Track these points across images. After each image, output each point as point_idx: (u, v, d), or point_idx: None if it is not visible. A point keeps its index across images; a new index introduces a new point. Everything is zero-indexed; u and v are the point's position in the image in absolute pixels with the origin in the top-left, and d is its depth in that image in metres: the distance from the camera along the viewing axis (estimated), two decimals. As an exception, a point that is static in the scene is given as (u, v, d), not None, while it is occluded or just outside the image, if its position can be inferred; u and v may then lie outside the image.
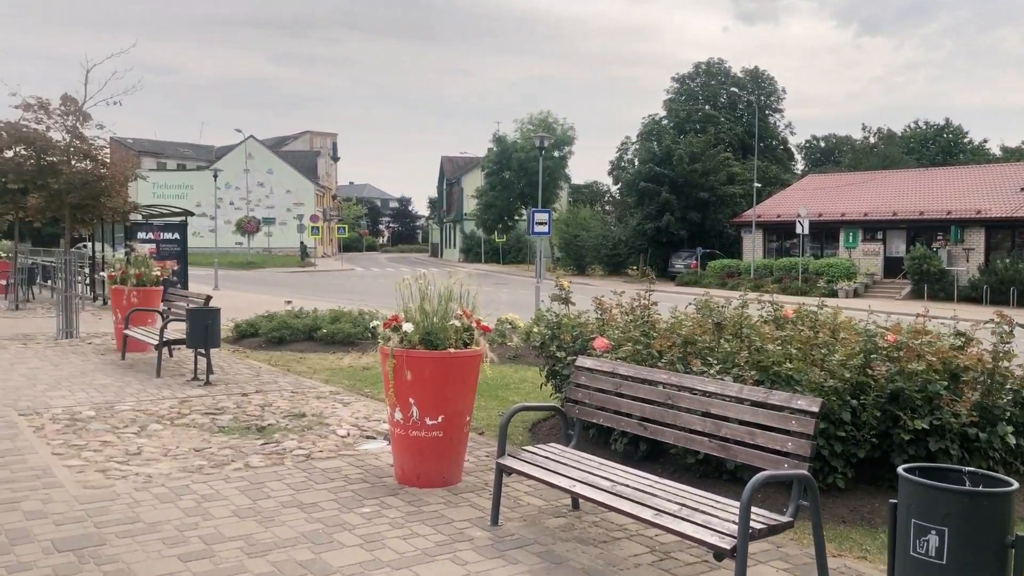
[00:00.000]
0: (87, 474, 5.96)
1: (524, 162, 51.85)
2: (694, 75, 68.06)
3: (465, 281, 5.98)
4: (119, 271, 12.70)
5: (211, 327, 9.69)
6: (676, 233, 43.42)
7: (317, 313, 14.49)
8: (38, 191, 14.49)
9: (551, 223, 19.49)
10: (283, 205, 70.12)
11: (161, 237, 21.67)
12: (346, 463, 6.42)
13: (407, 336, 5.64)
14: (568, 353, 7.08)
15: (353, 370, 11.08)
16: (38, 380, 9.70)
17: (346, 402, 8.88)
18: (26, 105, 14.43)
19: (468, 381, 5.85)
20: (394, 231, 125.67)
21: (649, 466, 6.30)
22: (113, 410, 8.16)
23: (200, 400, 8.80)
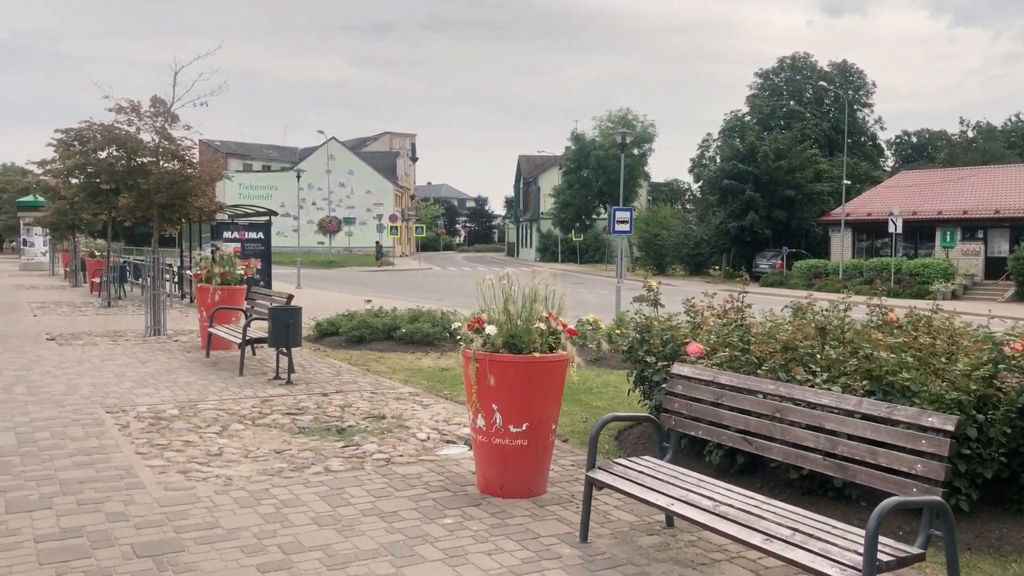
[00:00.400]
0: (169, 475, 5.90)
1: (603, 160, 51.27)
2: (778, 70, 66.18)
3: (550, 282, 5.68)
4: (204, 270, 12.87)
5: (293, 326, 9.66)
6: (760, 232, 42.20)
7: (396, 312, 14.43)
8: (129, 191, 14.84)
9: (632, 222, 19.04)
10: (363, 205, 71.19)
11: (246, 236, 22.08)
12: (426, 469, 6.21)
13: (490, 339, 5.38)
14: (658, 358, 6.71)
15: (432, 371, 10.93)
16: (125, 377, 9.84)
17: (425, 404, 8.70)
18: (119, 108, 14.79)
19: (553, 387, 5.55)
20: (470, 231, 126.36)
21: (746, 480, 5.90)
22: (196, 409, 8.17)
23: (281, 400, 8.75)
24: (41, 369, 10.27)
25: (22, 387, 9.04)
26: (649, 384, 6.92)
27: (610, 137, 52.29)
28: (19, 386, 9.10)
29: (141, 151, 14.69)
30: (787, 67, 66.21)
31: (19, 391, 8.82)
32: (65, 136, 15.30)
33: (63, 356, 11.40)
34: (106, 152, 15.11)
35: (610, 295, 29.73)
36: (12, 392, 8.76)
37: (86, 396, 8.62)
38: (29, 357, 11.26)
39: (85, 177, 16.95)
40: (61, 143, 15.41)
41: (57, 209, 23.83)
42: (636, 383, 7.19)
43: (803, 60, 65.92)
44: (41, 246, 36.74)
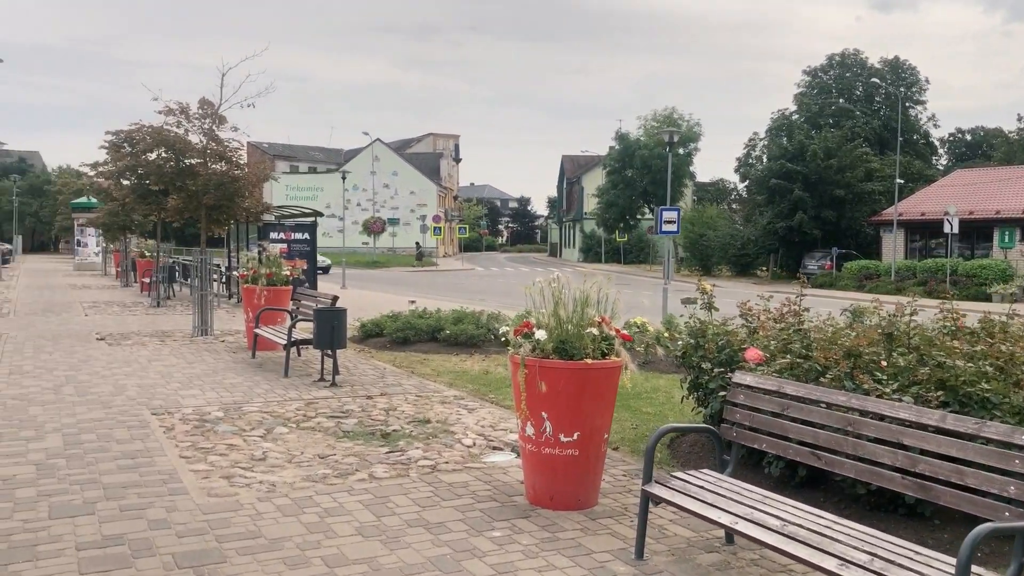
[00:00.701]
0: (212, 480, 5.80)
1: (647, 159, 50.74)
2: (827, 67, 64.92)
3: (603, 284, 5.45)
4: (251, 271, 12.88)
5: (338, 328, 9.57)
6: (809, 232, 41.31)
7: (440, 314, 14.31)
8: (177, 192, 14.96)
9: (680, 221, 18.68)
10: (407, 206, 71.52)
11: (292, 237, 22.21)
12: (473, 477, 6.02)
13: (540, 344, 5.18)
14: (714, 364, 6.44)
15: (477, 374, 10.76)
16: (172, 378, 9.84)
17: (471, 408, 8.53)
18: (168, 110, 14.90)
19: (606, 395, 5.32)
20: (513, 231, 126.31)
21: (808, 494, 5.61)
22: (241, 411, 8.10)
23: (326, 402, 8.65)
24: (90, 369, 10.33)
25: (71, 387, 9.08)
26: (704, 391, 6.64)
27: (655, 136, 51.68)
28: (68, 386, 9.14)
29: (189, 152, 14.79)
30: (836, 64, 64.91)
31: (68, 392, 8.85)
32: (115, 138, 15.49)
33: (112, 356, 11.48)
34: (155, 154, 15.23)
35: (656, 296, 29.30)
36: (61, 393, 8.80)
37: (132, 397, 8.62)
38: (79, 357, 11.36)
39: (135, 179, 17.16)
40: (112, 145, 15.60)
41: (109, 210, 24.27)
42: (690, 390, 6.92)
43: (853, 57, 64.56)
44: (94, 247, 37.51)
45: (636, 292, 32.64)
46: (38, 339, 13.23)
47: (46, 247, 64.08)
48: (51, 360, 11.03)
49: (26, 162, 70.48)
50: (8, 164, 66.35)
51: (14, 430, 7.09)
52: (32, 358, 11.18)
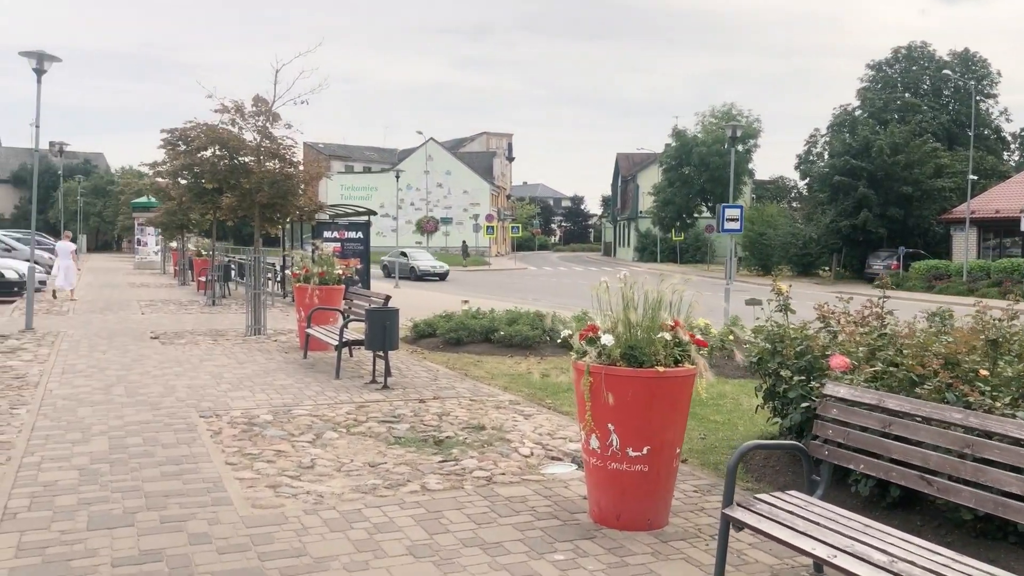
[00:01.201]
0: (257, 490, 5.51)
1: (705, 157, 49.73)
2: (892, 61, 62.88)
3: (678, 286, 5.00)
4: (303, 269, 12.69)
5: (390, 328, 9.26)
6: (874, 231, 39.93)
7: (494, 314, 13.96)
8: (231, 190, 14.85)
9: (743, 219, 18.02)
10: (460, 205, 71.52)
11: (346, 236, 22.13)
12: (532, 491, 5.62)
13: (606, 350, 4.74)
14: (793, 372, 5.92)
15: (533, 377, 10.36)
16: (222, 379, 9.66)
17: (527, 414, 8.13)
18: (223, 108, 14.80)
19: (679, 405, 4.87)
20: (566, 230, 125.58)
21: (902, 515, 5.09)
22: (290, 415, 7.83)
23: (377, 406, 8.35)
24: (141, 369, 10.22)
25: (121, 388, 8.94)
26: (782, 400, 6.13)
27: (713, 133, 50.70)
28: (119, 387, 9.01)
29: (243, 150, 14.67)
30: (902, 58, 62.82)
31: (117, 392, 8.71)
32: (170, 136, 15.47)
33: (164, 355, 11.38)
34: (210, 151, 15.17)
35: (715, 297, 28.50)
36: (111, 393, 8.66)
37: (182, 399, 8.43)
38: (132, 356, 11.28)
39: (191, 177, 17.17)
40: (166, 142, 15.59)
41: (167, 209, 24.48)
42: (766, 399, 6.41)
43: (920, 50, 62.40)
44: (153, 246, 38.15)
45: (695, 292, 31.84)
46: (94, 337, 13.25)
47: (109, 246, 65.66)
48: (104, 359, 10.97)
49: (91, 163, 72.35)
50: (74, 165, 68.11)
51: (61, 432, 6.93)
52: (86, 357, 11.14)
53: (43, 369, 10.05)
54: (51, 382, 9.18)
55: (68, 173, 62.57)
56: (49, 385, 8.99)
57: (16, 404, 8.03)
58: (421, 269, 38.28)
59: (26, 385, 9.02)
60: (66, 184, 59.92)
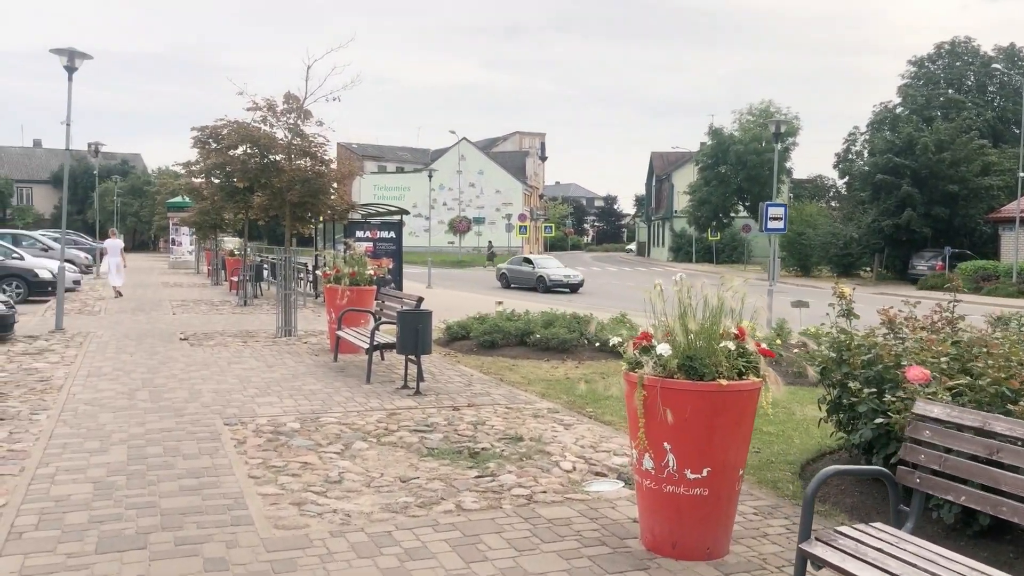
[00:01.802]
0: (280, 507, 5.13)
1: (742, 155, 48.81)
2: (935, 56, 61.27)
3: (740, 289, 4.52)
4: (334, 270, 12.35)
5: (422, 331, 8.86)
6: (918, 231, 38.77)
7: (529, 316, 13.52)
8: (262, 189, 14.59)
9: (787, 218, 17.37)
10: (492, 205, 71.17)
11: (378, 236, 21.83)
12: (576, 512, 5.17)
13: (662, 361, 4.28)
14: (862, 383, 5.40)
15: (570, 382, 9.90)
16: (250, 383, 9.33)
17: (567, 423, 7.68)
18: (254, 106, 14.53)
19: (743, 423, 4.39)
20: (599, 230, 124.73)
21: (992, 546, 4.56)
22: (318, 422, 7.46)
23: (409, 413, 7.95)
24: (168, 372, 9.93)
25: (145, 392, 8.64)
26: (849, 414, 5.61)
27: (750, 131, 49.79)
28: (143, 391, 8.72)
29: (273, 148, 14.40)
30: (945, 53, 61.20)
31: (141, 397, 8.41)
32: (201, 134, 15.24)
33: (191, 358, 11.10)
34: (240, 150, 14.91)
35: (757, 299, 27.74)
36: (135, 398, 8.36)
37: (207, 404, 8.10)
38: (159, 358, 11.02)
39: (223, 176, 16.96)
40: (197, 140, 15.38)
41: (200, 209, 24.39)
42: (830, 412, 5.89)
43: (963, 45, 60.74)
44: (188, 245, 38.27)
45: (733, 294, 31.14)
46: (123, 339, 13.04)
47: (146, 246, 66.34)
48: (131, 361, 10.72)
49: (128, 164, 73.17)
50: (111, 166, 68.91)
51: (80, 440, 6.62)
52: (113, 359, 10.90)
53: (68, 372, 9.80)
54: (75, 386, 8.92)
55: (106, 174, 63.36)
56: (72, 389, 8.72)
57: (37, 409, 7.75)
58: (552, 279, 30.61)
59: (50, 389, 8.77)
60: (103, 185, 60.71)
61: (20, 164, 72.60)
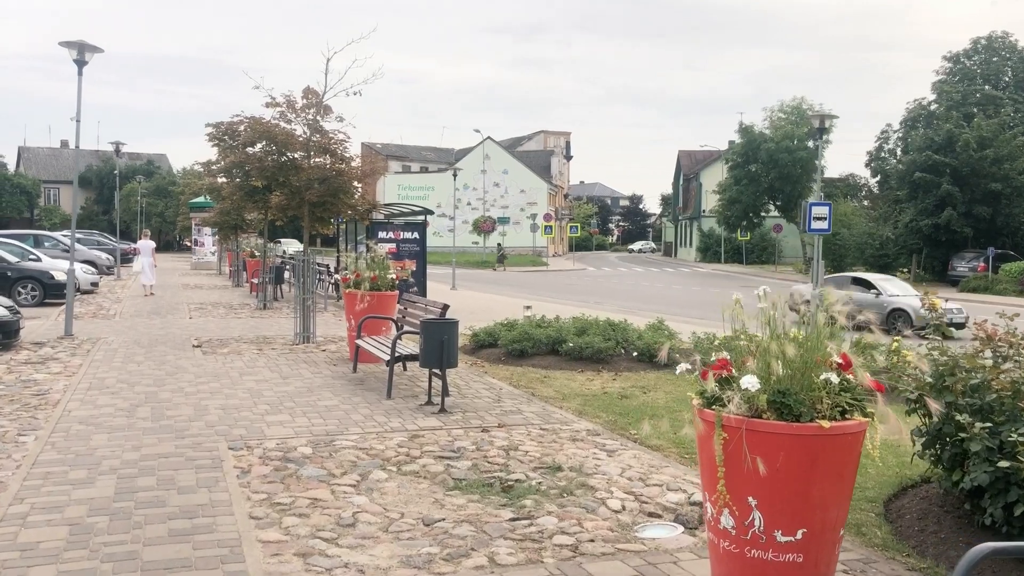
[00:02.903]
0: (283, 559, 4.37)
1: (774, 153, 47.47)
2: (971, 52, 59.59)
3: (838, 303, 3.69)
4: (354, 273, 11.61)
5: (448, 343, 8.08)
6: (959, 231, 37.43)
7: (560, 323, 12.71)
8: (280, 188, 13.92)
9: (831, 218, 16.44)
10: (517, 205, 70.37)
11: (401, 237, 21.11)
12: (632, 569, 4.35)
13: (748, 396, 3.46)
14: (972, 415, 4.53)
15: (608, 397, 9.09)
16: (261, 398, 8.60)
17: (610, 449, 6.86)
18: (272, 102, 13.85)
19: (846, 473, 3.56)
20: (624, 229, 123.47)
21: None
22: (333, 446, 6.70)
23: (433, 435, 7.17)
24: (175, 385, 9.23)
25: (147, 409, 7.93)
26: (953, 451, 4.74)
27: (781, 129, 48.47)
28: (144, 407, 8.01)
29: (292, 145, 13.71)
30: (982, 48, 59.51)
31: (142, 414, 7.70)
32: (216, 130, 14.61)
33: (202, 368, 10.40)
34: (258, 147, 14.24)
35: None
36: (134, 416, 7.65)
37: (212, 424, 7.38)
38: (168, 368, 10.33)
39: (242, 175, 16.34)
40: (213, 137, 14.74)
41: (221, 209, 23.86)
42: (926, 445, 5.03)
43: (1001, 40, 59.01)
44: (210, 246, 37.85)
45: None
46: (133, 345, 12.39)
47: (171, 246, 66.30)
48: (137, 372, 10.04)
49: (153, 164, 73.21)
50: (137, 166, 68.98)
51: (65, 469, 5.90)
52: (119, 369, 10.23)
53: (69, 384, 9.14)
54: (72, 400, 8.24)
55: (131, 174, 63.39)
56: (69, 405, 8.04)
57: (26, 429, 7.07)
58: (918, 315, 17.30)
59: (45, 404, 8.10)
60: (129, 185, 60.69)
61: (47, 165, 72.93)
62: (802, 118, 48.89)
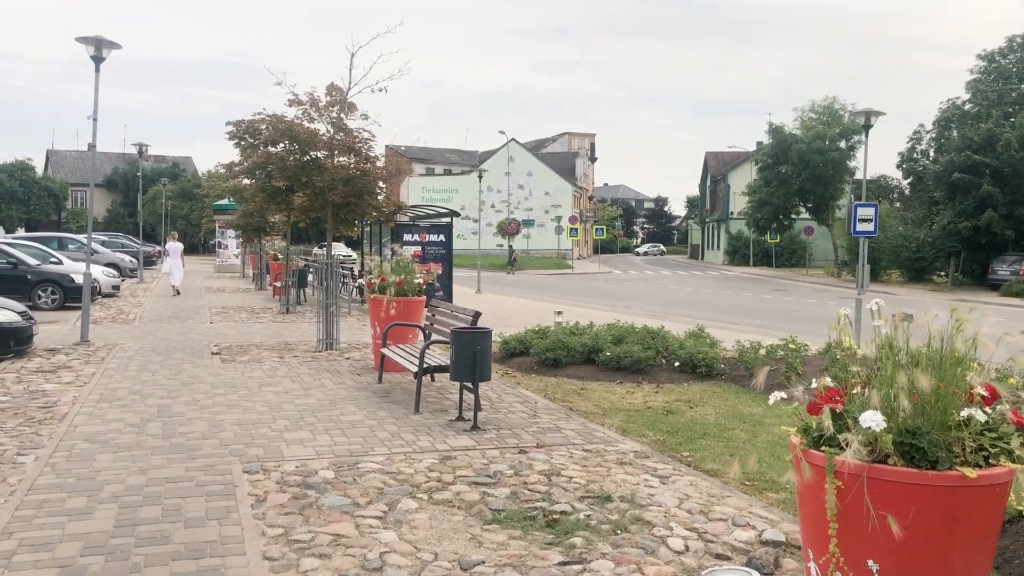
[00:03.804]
0: (300, 615, 3.76)
1: (805, 154, 46.37)
2: (1006, 51, 58.06)
3: (975, 319, 3.02)
4: (378, 278, 11.02)
5: (481, 354, 7.45)
6: (999, 233, 36.26)
7: (595, 330, 12.06)
8: (302, 189, 13.38)
9: (877, 219, 15.63)
10: (541, 207, 69.68)
11: (426, 239, 20.57)
12: (707, 630, 3.70)
13: (871, 437, 2.80)
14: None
15: (653, 413, 8.42)
16: (281, 412, 8.03)
17: (662, 474, 6.20)
18: (295, 100, 13.31)
19: (991, 532, 2.89)
20: (648, 232, 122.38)
21: None
22: (358, 470, 6.10)
23: (466, 457, 6.55)
24: (190, 397, 8.69)
25: (158, 425, 7.38)
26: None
27: (813, 129, 47.38)
28: (156, 423, 7.46)
29: (314, 144, 13.16)
30: (1017, 47, 58.01)
31: (153, 431, 7.15)
32: (236, 128, 14.08)
33: (220, 378, 9.86)
34: (280, 146, 13.69)
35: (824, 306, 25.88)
36: (144, 432, 7.10)
37: (226, 442, 6.81)
38: (184, 378, 9.80)
39: (264, 176, 15.83)
40: (233, 136, 14.21)
41: (244, 211, 23.45)
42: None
43: (1039, 38, 57.55)
44: (234, 248, 37.56)
45: (798, 300, 29.24)
46: (149, 353, 11.89)
47: (196, 249, 66.34)
48: (152, 382, 9.51)
49: (179, 167, 73.37)
50: (162, 169, 69.19)
51: (63, 496, 5.35)
52: (132, 379, 9.71)
53: (78, 395, 8.62)
54: (80, 414, 7.72)
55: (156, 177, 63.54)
56: (76, 419, 7.51)
57: (27, 448, 6.54)
58: None
59: (51, 418, 7.57)
60: (154, 188, 60.79)
61: (75, 168, 73.37)
62: (834, 118, 47.80)
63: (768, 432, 7.64)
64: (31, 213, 62.26)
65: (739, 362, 10.86)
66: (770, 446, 7.15)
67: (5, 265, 18.84)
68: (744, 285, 37.88)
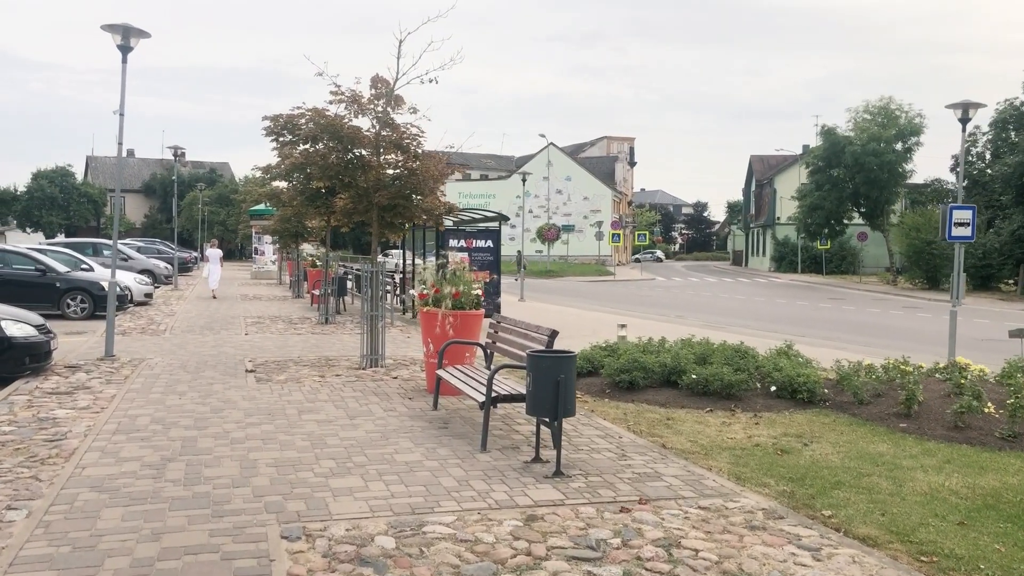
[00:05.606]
0: None
1: (859, 156, 44.41)
2: (1070, 47, 55.66)
3: None
4: (432, 289, 9.77)
5: (565, 384, 6.16)
6: (1074, 239, 34.21)
7: (670, 347, 10.75)
8: (345, 189, 12.22)
9: (975, 223, 14.10)
10: (580, 212, 68.28)
11: (473, 245, 19.38)
12: None
13: None
14: None
15: (763, 452, 7.08)
16: (325, 448, 6.80)
17: (809, 545, 4.85)
18: (338, 93, 12.13)
19: None
20: (688, 238, 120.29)
21: None
22: (423, 536, 4.84)
23: (555, 515, 5.26)
24: (219, 427, 7.51)
25: (180, 466, 6.19)
26: None
27: (867, 131, 45.44)
28: (178, 463, 6.27)
29: (358, 141, 11.98)
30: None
31: (172, 475, 5.96)
32: (273, 123, 12.94)
33: (254, 403, 8.68)
34: (321, 144, 12.54)
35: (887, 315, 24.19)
36: (163, 476, 5.91)
37: (261, 492, 5.59)
38: (214, 403, 8.64)
39: (303, 177, 14.73)
40: (270, 131, 13.07)
41: (281, 216, 22.48)
42: None
43: (1105, 34, 54.96)
44: (271, 254, 36.73)
45: (859, 309, 27.54)
46: (178, 370, 10.78)
47: (233, 255, 65.96)
48: (177, 407, 8.36)
49: (216, 172, 73.22)
50: (200, 175, 69.07)
51: (52, 575, 4.15)
52: (156, 403, 8.56)
53: (92, 425, 7.48)
54: (91, 450, 6.56)
55: (194, 182, 63.33)
56: (85, 458, 6.35)
57: (20, 498, 5.38)
58: None
59: (56, 456, 6.43)
60: (191, 194, 60.52)
61: (114, 173, 73.55)
62: (890, 119, 45.81)
63: (913, 480, 6.26)
64: (71, 219, 62.36)
65: (842, 385, 9.47)
66: (925, 500, 5.78)
67: (33, 272, 18.00)
68: (797, 293, 36.14)
